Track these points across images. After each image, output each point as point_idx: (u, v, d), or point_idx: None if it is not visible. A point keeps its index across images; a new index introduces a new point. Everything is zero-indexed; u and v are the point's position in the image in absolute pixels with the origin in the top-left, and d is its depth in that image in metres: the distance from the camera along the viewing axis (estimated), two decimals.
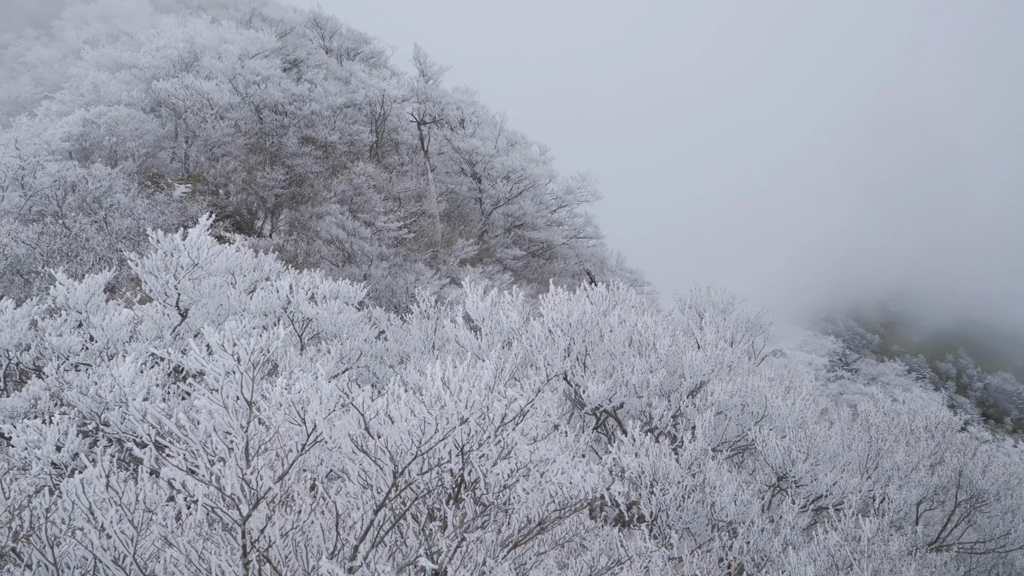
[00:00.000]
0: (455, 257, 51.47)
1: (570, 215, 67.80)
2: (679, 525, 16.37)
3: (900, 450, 19.29)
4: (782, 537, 16.07)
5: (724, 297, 23.15)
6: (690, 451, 16.80)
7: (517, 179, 62.81)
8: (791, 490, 17.53)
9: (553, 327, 18.99)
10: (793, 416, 18.62)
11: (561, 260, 64.80)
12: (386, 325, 24.68)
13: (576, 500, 10.45)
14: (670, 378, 19.27)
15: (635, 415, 18.85)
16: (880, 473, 18.96)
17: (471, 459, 9.44)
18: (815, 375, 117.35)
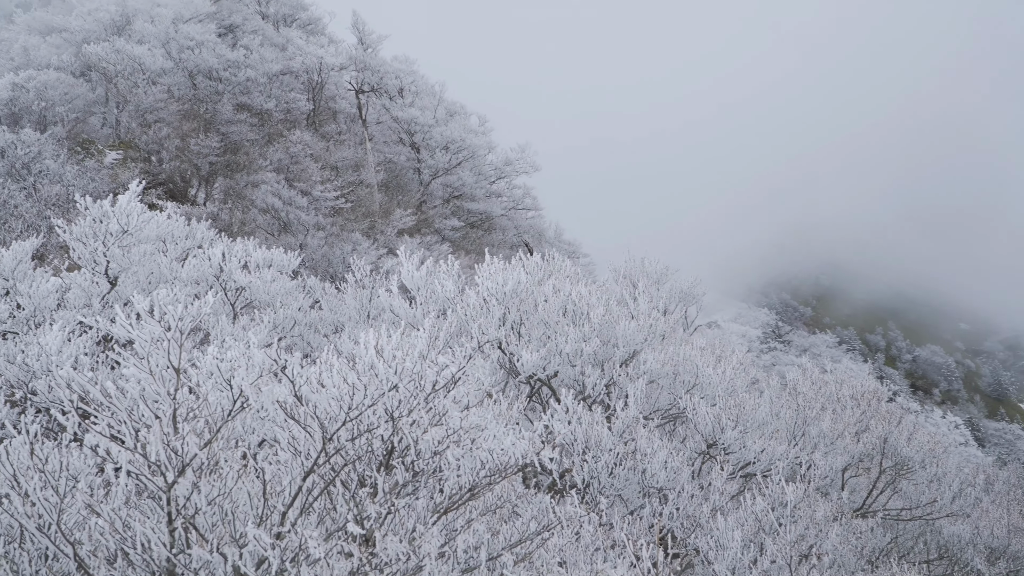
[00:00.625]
0: (393, 227, 51.25)
1: (509, 186, 67.78)
2: (611, 492, 16.54)
3: (827, 418, 19.61)
4: (711, 503, 16.29)
5: (658, 268, 23.32)
6: (622, 419, 16.95)
7: (456, 150, 62.62)
8: (720, 457, 17.77)
9: (488, 296, 19.03)
10: (723, 385, 18.86)
11: (500, 231, 64.80)
12: (321, 294, 24.55)
13: (507, 466, 10.53)
14: (604, 347, 19.39)
15: (569, 384, 18.97)
16: (807, 440, 19.28)
17: (401, 426, 9.47)
18: (749, 347, 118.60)
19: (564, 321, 19.20)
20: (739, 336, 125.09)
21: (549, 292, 19.37)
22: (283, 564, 8.19)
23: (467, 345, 10.81)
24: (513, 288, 18.92)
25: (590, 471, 16.28)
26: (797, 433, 19.39)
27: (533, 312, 19.30)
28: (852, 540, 17.84)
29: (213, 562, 8.18)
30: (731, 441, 17.84)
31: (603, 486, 16.44)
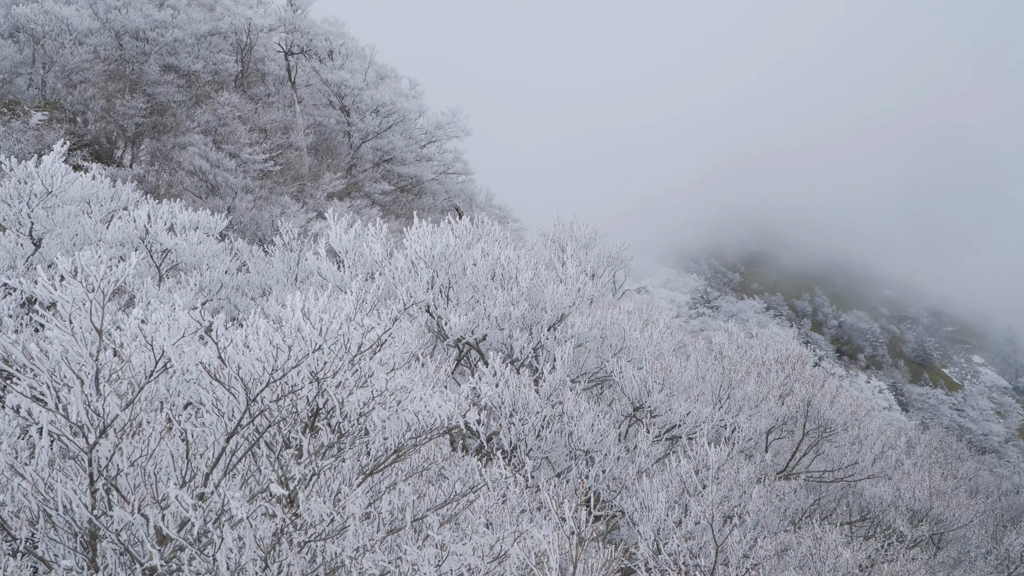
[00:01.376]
0: (322, 191, 50.87)
1: (440, 151, 67.47)
2: (538, 454, 16.65)
3: (751, 381, 19.88)
4: (637, 465, 16.48)
5: (587, 232, 23.39)
6: (550, 382, 17.04)
7: (387, 113, 62.18)
8: (646, 420, 17.96)
9: (416, 259, 19.00)
10: (650, 348, 19.03)
11: (430, 196, 64.55)
12: (248, 257, 24.34)
13: (433, 428, 10.56)
14: (532, 311, 19.46)
15: (497, 347, 19.02)
16: (732, 403, 19.54)
17: (327, 387, 9.45)
18: (678, 312, 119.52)
19: (492, 285, 19.23)
20: (668, 301, 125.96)
21: (478, 256, 19.38)
22: (205, 525, 8.16)
23: (393, 307, 10.81)
24: (441, 251, 18.91)
25: (517, 434, 16.37)
26: (722, 396, 19.64)
27: (462, 276, 19.30)
28: (775, 501, 18.16)
29: (135, 523, 8.14)
30: (657, 404, 18.02)
31: (530, 448, 16.55)
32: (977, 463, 43.44)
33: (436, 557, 9.05)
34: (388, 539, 9.68)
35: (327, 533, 8.78)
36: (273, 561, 8.31)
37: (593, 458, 16.88)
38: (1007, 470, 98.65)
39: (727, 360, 20.42)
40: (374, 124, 61.57)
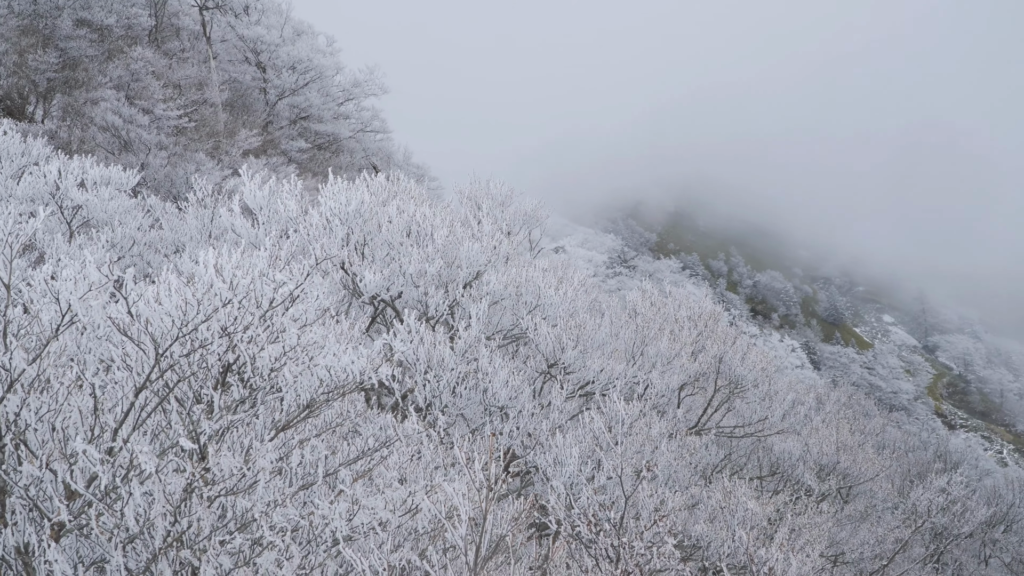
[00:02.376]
0: (238, 148, 50.17)
1: (357, 108, 66.90)
2: (453, 411, 16.75)
3: (664, 339, 20.11)
4: (551, 421, 16.63)
5: (503, 190, 23.40)
6: (465, 339, 17.11)
7: (303, 70, 61.40)
8: (561, 376, 18.11)
9: (331, 216, 18.90)
10: (565, 306, 19.16)
11: (348, 154, 64.02)
12: (162, 214, 23.99)
13: (346, 384, 10.58)
14: (448, 268, 19.47)
15: (413, 305, 19.02)
16: (645, 360, 19.77)
17: (237, 342, 9.42)
18: (595, 272, 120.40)
19: (408, 242, 19.21)
20: (586, 261, 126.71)
21: (393, 213, 19.33)
22: (114, 480, 8.12)
23: (306, 263, 10.78)
24: (356, 208, 18.82)
25: (432, 390, 16.44)
26: (636, 353, 19.86)
27: (377, 233, 19.25)
28: (686, 456, 18.46)
29: (43, 479, 8.08)
30: (571, 361, 18.18)
31: (445, 405, 16.63)
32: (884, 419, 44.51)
33: (348, 511, 9.09)
34: (301, 494, 9.71)
35: (237, 488, 8.78)
36: (183, 516, 8.30)
37: (508, 414, 17.02)
38: (915, 427, 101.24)
39: (641, 318, 20.64)
40: (291, 81, 60.81)
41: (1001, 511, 39.97)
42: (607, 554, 9.23)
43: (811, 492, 22.70)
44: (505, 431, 16.81)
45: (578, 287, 19.76)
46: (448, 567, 8.60)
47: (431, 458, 12.78)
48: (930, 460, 43.08)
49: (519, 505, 9.08)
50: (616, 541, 9.20)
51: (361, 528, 9.15)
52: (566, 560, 10.36)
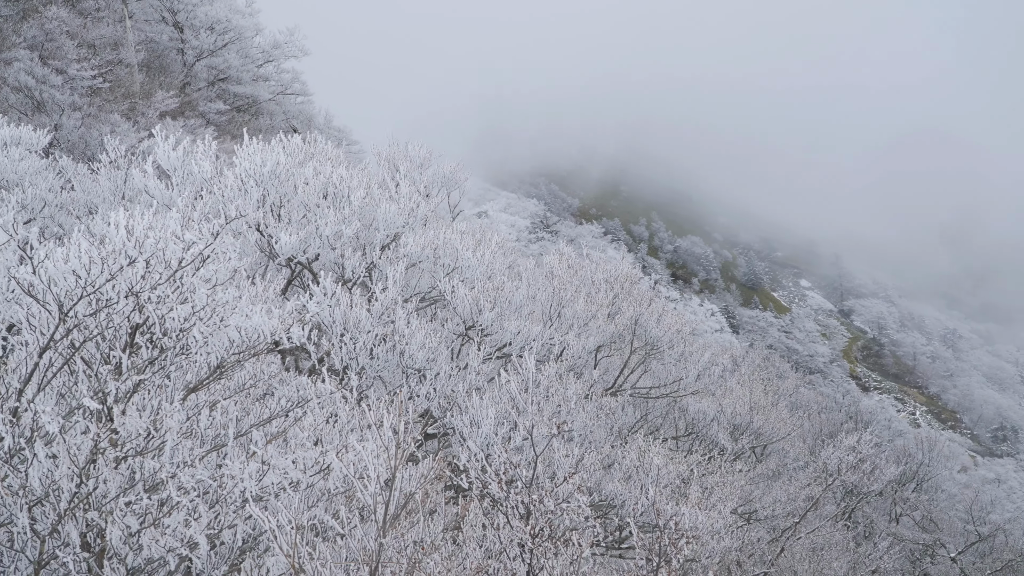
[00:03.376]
0: (155, 110, 49.37)
1: (277, 70, 66.07)
2: (370, 373, 16.72)
3: (581, 300, 20.22)
4: (468, 383, 16.68)
5: (421, 153, 23.27)
6: (382, 301, 17.06)
7: (222, 31, 60.42)
8: (478, 338, 18.15)
9: (246, 177, 18.69)
10: (482, 268, 19.18)
11: (268, 116, 63.29)
12: (74, 175, 23.53)
13: (257, 344, 10.51)
14: (365, 231, 19.38)
15: (329, 267, 18.92)
16: (562, 322, 19.87)
17: (145, 302, 9.30)
18: (517, 236, 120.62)
19: (325, 204, 19.07)
20: (508, 226, 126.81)
21: (309, 174, 19.15)
22: (18, 442, 8.00)
23: (215, 222, 10.66)
24: (272, 169, 18.64)
25: (348, 352, 16.39)
26: (553, 315, 19.95)
27: (293, 195, 19.08)
28: (602, 417, 18.64)
29: None
30: (489, 323, 18.23)
31: (362, 367, 16.60)
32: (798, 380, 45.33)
33: (258, 472, 9.06)
34: (213, 456, 9.64)
35: (145, 449, 8.70)
36: (89, 477, 8.20)
37: (425, 376, 17.03)
38: (831, 389, 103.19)
39: (558, 280, 20.71)
40: (209, 42, 59.84)
41: (911, 469, 41.03)
42: (518, 511, 9.31)
43: (725, 451, 23.04)
44: (422, 393, 16.83)
45: (496, 250, 19.78)
46: (359, 526, 8.61)
47: (347, 420, 12.75)
48: (842, 420, 44.00)
49: (427, 463, 9.11)
50: (527, 498, 9.28)
51: (272, 488, 9.13)
52: (482, 520, 10.43)
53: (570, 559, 8.87)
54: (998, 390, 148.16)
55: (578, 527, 9.66)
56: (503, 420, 15.37)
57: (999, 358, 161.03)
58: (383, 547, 8.03)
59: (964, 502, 39.85)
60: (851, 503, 32.25)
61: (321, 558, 7.89)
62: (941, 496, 48.26)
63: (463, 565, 8.63)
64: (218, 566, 9.34)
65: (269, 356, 14.85)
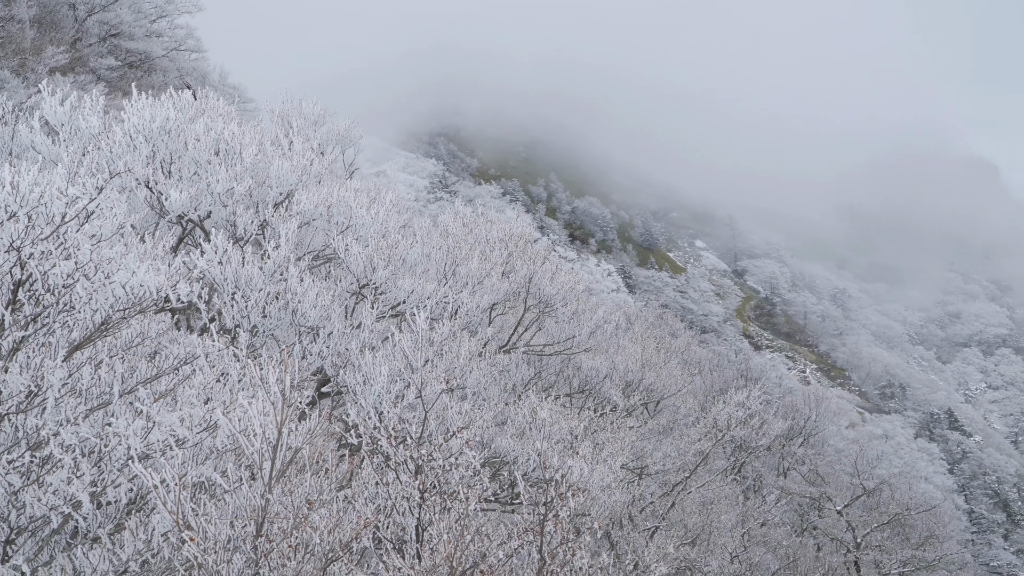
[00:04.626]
0: (44, 65, 48.12)
1: (171, 26, 64.76)
2: (263, 331, 16.62)
3: (475, 259, 20.27)
4: (361, 341, 16.67)
5: (316, 109, 23.02)
6: (274, 259, 16.94)
7: None
8: (372, 296, 18.13)
9: (135, 133, 18.36)
10: (376, 226, 19.11)
11: (161, 73, 62.03)
12: None
13: (143, 301, 10.38)
14: (258, 188, 19.18)
15: (222, 225, 18.69)
16: (456, 280, 19.91)
17: (27, 257, 9.13)
18: (416, 196, 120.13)
19: (216, 161, 18.81)
20: (407, 186, 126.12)
21: (200, 131, 18.86)
22: None
23: (100, 177, 10.48)
24: (161, 125, 18.32)
25: (240, 311, 16.27)
26: (447, 273, 19.98)
27: (184, 151, 18.78)
28: (496, 374, 18.78)
29: None
30: (383, 281, 18.21)
31: (254, 326, 16.50)
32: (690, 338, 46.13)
33: (144, 429, 8.98)
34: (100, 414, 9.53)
35: (28, 406, 8.58)
36: None
37: (319, 335, 16.99)
38: (724, 348, 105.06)
39: (452, 238, 20.73)
40: None
41: (799, 425, 42.06)
42: (408, 467, 9.38)
43: (617, 408, 23.39)
44: (315, 351, 16.78)
45: (390, 208, 19.72)
46: (245, 483, 8.60)
47: (237, 378, 12.68)
48: (733, 377, 44.83)
49: (315, 420, 9.11)
50: (416, 454, 9.35)
51: (158, 446, 9.06)
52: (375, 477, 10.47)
53: (459, 514, 8.97)
54: (886, 348, 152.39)
55: (468, 482, 9.75)
56: (396, 378, 15.40)
57: (887, 317, 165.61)
58: (269, 503, 8.04)
59: (851, 457, 40.92)
60: (740, 458, 33.00)
61: (206, 515, 7.88)
62: (829, 451, 49.59)
63: (352, 520, 8.67)
64: (104, 525, 9.26)
65: (160, 315, 14.67)
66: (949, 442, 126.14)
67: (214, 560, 7.47)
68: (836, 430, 64.06)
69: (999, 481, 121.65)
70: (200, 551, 7.56)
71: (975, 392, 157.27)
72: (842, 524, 31.53)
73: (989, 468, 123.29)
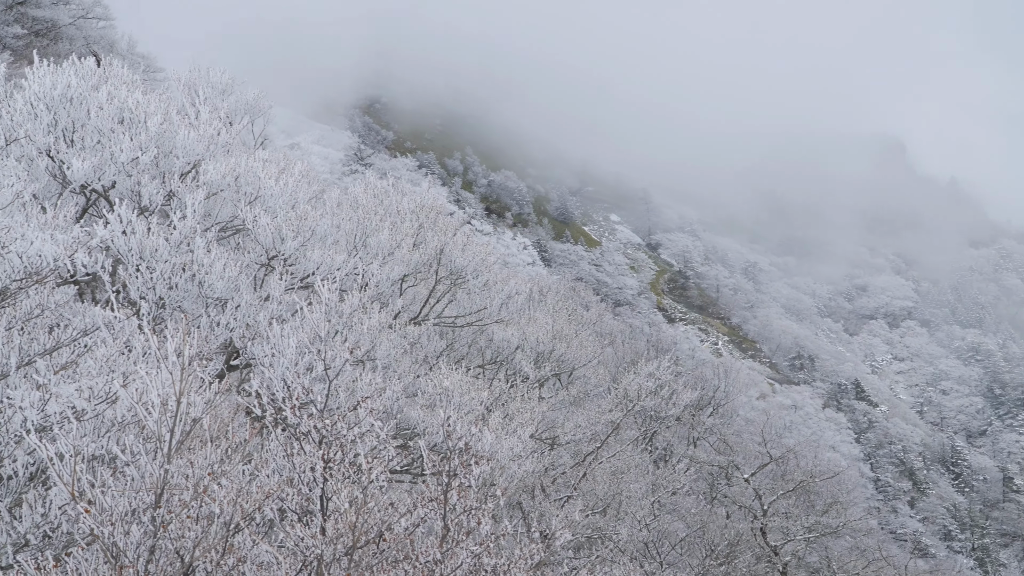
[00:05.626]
0: None
1: None
2: (170, 303, 16.39)
3: (386, 230, 20.18)
4: (269, 312, 16.52)
5: (224, 78, 22.66)
6: (180, 230, 16.69)
7: None
8: (281, 268, 17.96)
9: (36, 100, 17.94)
10: (286, 197, 18.91)
11: (67, 41, 60.66)
12: None
13: (42, 271, 10.20)
14: (164, 158, 18.86)
15: (127, 195, 18.35)
16: (367, 251, 19.81)
17: None
18: (331, 169, 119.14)
19: (120, 129, 18.44)
20: (322, 158, 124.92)
21: (103, 99, 18.48)
22: None
23: None
24: (63, 93, 17.92)
25: (146, 282, 16.01)
26: (358, 244, 19.86)
27: (87, 119, 18.38)
28: (407, 346, 18.74)
29: None
30: (292, 252, 18.04)
31: (160, 297, 16.25)
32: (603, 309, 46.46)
33: (40, 400, 8.82)
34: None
35: None
36: None
37: (227, 306, 16.79)
38: (639, 320, 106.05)
39: (363, 209, 20.58)
40: None
41: (708, 395, 42.65)
42: (312, 437, 9.32)
43: (528, 379, 23.49)
44: (223, 323, 16.59)
45: (300, 178, 19.52)
46: (145, 454, 8.48)
47: (142, 351, 12.50)
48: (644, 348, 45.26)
49: (215, 390, 9.02)
50: (320, 424, 9.30)
51: (55, 418, 8.91)
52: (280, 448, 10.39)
53: (363, 484, 8.95)
54: (796, 320, 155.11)
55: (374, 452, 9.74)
56: (305, 350, 15.29)
57: (797, 290, 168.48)
58: (169, 474, 7.95)
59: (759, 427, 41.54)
60: (651, 428, 33.35)
61: (103, 486, 7.77)
62: (738, 421, 50.37)
63: (256, 490, 8.61)
64: (3, 498, 9.10)
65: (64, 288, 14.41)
66: (856, 412, 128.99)
67: (110, 532, 7.37)
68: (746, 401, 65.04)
69: (904, 450, 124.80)
70: (96, 523, 7.45)
71: (881, 363, 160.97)
72: (750, 492, 31.97)
73: (895, 437, 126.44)
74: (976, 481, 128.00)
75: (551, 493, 23.80)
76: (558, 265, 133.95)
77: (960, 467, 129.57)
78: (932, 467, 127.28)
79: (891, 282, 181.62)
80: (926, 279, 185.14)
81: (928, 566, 50.60)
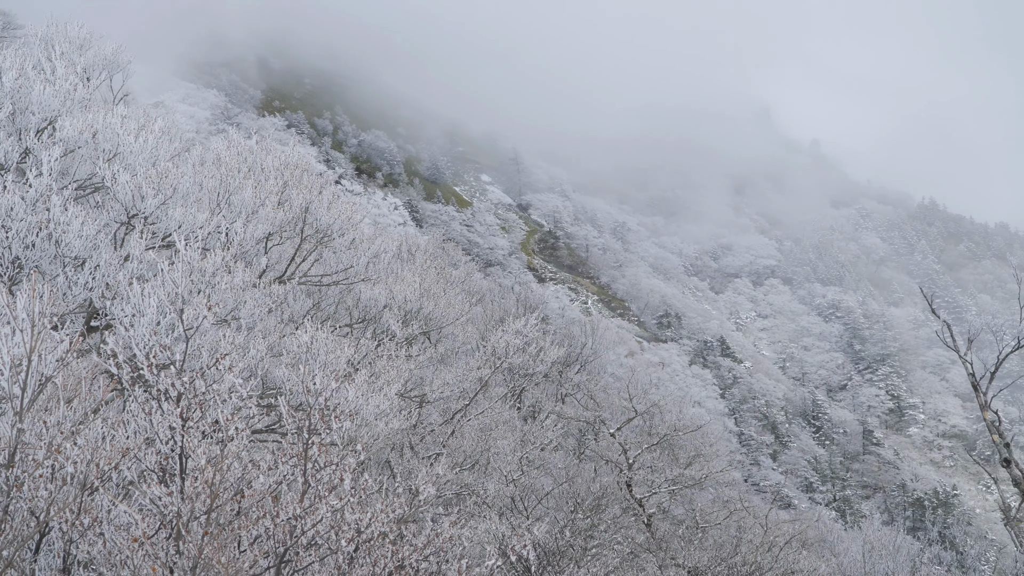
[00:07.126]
0: None
1: None
2: (28, 264, 16.05)
3: (250, 187, 19.95)
4: (131, 272, 16.28)
5: (82, 33, 22.09)
6: (36, 188, 16.32)
7: None
8: (141, 226, 17.68)
9: None
10: (146, 154, 18.59)
11: None
12: None
13: None
14: (20, 115, 18.39)
15: None
16: (230, 210, 19.59)
17: None
18: (197, 128, 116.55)
19: None
20: (188, 117, 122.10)
21: None
22: None
23: None
24: None
25: (1, 241, 15.65)
26: (221, 202, 19.61)
27: None
28: (272, 305, 18.64)
29: None
30: (153, 210, 17.76)
31: (16, 257, 15.91)
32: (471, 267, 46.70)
33: None
34: None
35: None
36: None
37: (86, 266, 16.49)
38: (510, 280, 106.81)
39: (225, 167, 20.29)
40: None
41: (576, 352, 43.29)
42: (170, 395, 9.27)
43: (396, 337, 23.52)
44: (81, 282, 16.29)
45: (160, 135, 19.19)
46: None
47: None
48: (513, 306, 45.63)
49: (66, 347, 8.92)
50: (177, 381, 9.25)
51: None
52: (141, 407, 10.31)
53: (223, 441, 8.95)
54: (663, 279, 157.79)
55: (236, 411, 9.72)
56: (166, 309, 15.12)
57: (664, 249, 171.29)
58: (21, 433, 7.85)
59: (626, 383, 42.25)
60: (519, 385, 33.74)
61: None
62: (606, 378, 51.18)
63: (111, 449, 8.54)
64: None
65: None
66: (721, 368, 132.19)
67: None
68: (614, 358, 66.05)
69: (767, 405, 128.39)
70: None
71: (746, 321, 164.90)
72: (616, 447, 32.54)
73: (758, 392, 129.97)
74: (836, 434, 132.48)
75: (420, 451, 23.95)
76: (429, 225, 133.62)
77: (821, 421, 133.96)
78: (794, 421, 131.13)
79: (755, 241, 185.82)
80: (789, 238, 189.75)
81: (789, 516, 52.25)
